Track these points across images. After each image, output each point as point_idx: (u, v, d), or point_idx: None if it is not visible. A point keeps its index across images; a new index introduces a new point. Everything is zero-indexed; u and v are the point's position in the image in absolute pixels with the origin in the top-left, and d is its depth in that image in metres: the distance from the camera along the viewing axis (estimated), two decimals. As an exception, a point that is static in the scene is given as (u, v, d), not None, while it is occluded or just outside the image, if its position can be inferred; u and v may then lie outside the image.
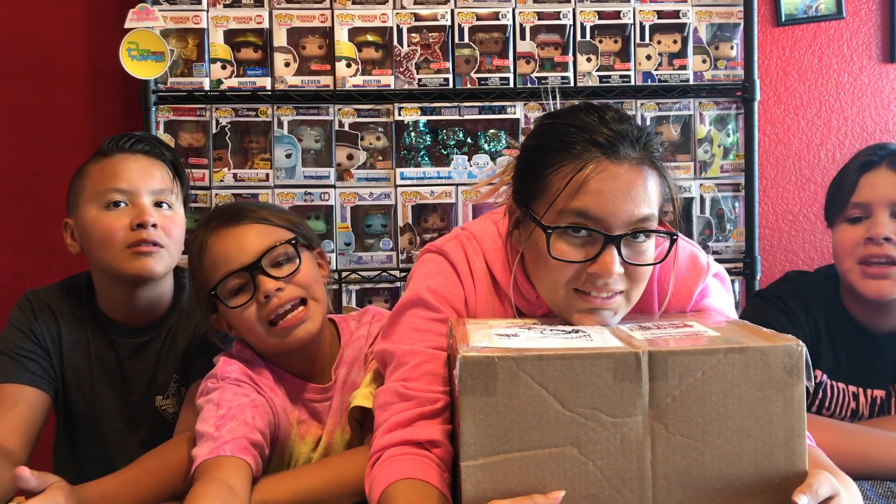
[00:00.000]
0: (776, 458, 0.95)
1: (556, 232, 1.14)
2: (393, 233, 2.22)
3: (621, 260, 1.12)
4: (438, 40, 2.20)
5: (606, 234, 1.11)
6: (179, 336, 1.64)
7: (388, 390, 1.26)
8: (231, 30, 2.19)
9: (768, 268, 2.32)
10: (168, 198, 1.60)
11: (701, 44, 2.24)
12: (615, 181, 1.12)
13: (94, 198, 1.56)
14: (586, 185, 1.13)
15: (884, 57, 2.35)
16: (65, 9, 2.29)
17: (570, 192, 1.13)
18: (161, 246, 1.56)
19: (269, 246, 1.38)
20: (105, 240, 1.54)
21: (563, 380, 0.93)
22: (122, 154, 1.59)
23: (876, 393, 1.57)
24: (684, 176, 2.25)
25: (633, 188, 1.13)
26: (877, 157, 1.56)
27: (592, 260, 1.12)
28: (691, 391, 0.94)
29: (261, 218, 1.42)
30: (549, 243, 1.14)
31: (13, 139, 2.31)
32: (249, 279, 1.36)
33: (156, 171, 1.60)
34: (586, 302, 1.14)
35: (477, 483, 0.94)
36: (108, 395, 1.64)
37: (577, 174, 1.13)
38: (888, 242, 1.50)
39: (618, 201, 1.12)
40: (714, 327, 1.06)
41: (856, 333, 1.58)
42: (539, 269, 1.19)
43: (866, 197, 1.54)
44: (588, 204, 1.12)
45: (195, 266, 1.44)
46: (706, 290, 1.26)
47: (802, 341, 0.95)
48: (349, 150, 2.22)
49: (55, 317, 1.64)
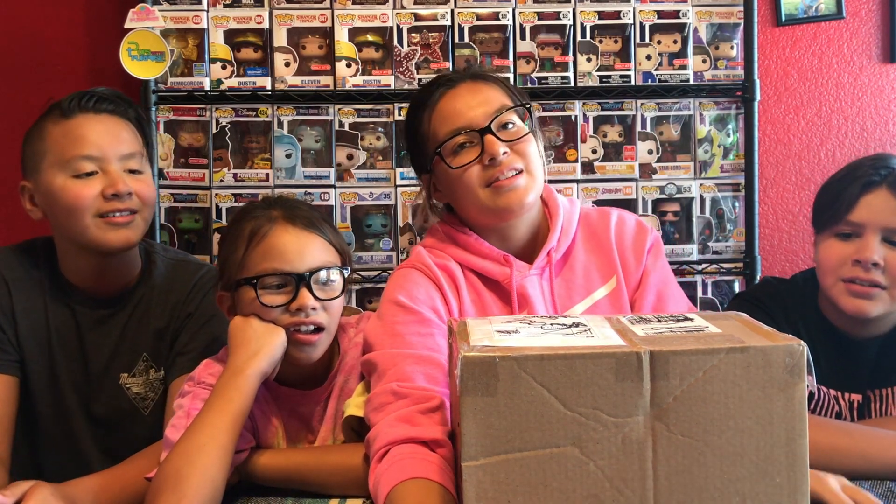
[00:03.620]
0: (777, 457, 0.94)
1: (443, 148, 1.42)
2: (393, 233, 2.22)
3: (502, 142, 1.39)
4: (438, 40, 2.20)
5: (479, 129, 1.39)
6: (152, 313, 1.57)
7: (382, 392, 1.27)
8: (231, 30, 2.19)
9: (768, 268, 2.32)
10: (138, 161, 1.53)
11: (701, 44, 2.24)
12: (460, 95, 1.44)
13: (60, 164, 1.48)
14: (440, 108, 1.44)
15: (884, 57, 2.35)
16: (65, 9, 2.29)
17: (436, 122, 1.44)
18: (135, 212, 1.50)
19: (323, 265, 1.38)
20: (74, 209, 1.46)
21: (565, 379, 0.93)
22: (86, 114, 1.50)
23: (853, 397, 1.57)
24: (684, 176, 2.25)
25: (476, 92, 1.44)
26: (879, 176, 1.53)
27: (482, 152, 1.39)
28: (693, 391, 0.94)
29: (325, 234, 1.41)
30: (444, 160, 1.42)
31: (13, 139, 2.30)
32: (293, 286, 1.35)
33: (123, 132, 1.52)
34: (498, 188, 1.39)
35: (478, 483, 0.94)
36: (65, 366, 1.57)
37: (432, 109, 1.45)
38: (875, 268, 1.49)
39: (469, 105, 1.41)
40: (714, 323, 1.06)
41: (834, 338, 1.58)
42: (457, 192, 1.44)
43: (862, 218, 1.52)
44: (451, 119, 1.42)
45: (236, 240, 1.39)
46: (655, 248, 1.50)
47: None
48: (349, 150, 2.22)
49: (6, 284, 1.55)
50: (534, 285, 1.43)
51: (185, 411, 1.32)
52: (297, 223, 1.39)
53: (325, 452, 1.37)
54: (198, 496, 1.17)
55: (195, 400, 1.34)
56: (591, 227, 1.51)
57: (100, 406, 1.58)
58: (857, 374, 1.58)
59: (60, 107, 1.51)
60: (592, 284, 1.45)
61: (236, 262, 1.38)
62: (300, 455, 1.37)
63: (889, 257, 1.50)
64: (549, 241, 1.45)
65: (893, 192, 1.51)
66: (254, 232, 1.38)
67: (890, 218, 1.50)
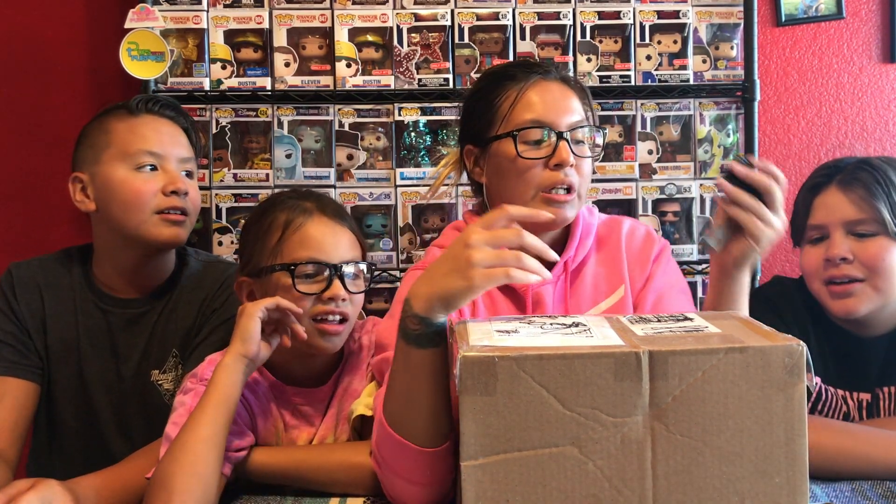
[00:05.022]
0: (776, 458, 0.94)
1: (521, 134, 1.40)
2: (393, 233, 2.22)
3: (574, 156, 1.40)
4: (438, 40, 2.20)
5: (558, 132, 1.40)
6: (180, 310, 1.61)
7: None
8: (231, 30, 2.19)
9: (768, 268, 2.32)
10: (192, 167, 1.60)
11: (701, 44, 2.24)
12: (552, 92, 1.44)
13: (122, 157, 1.53)
14: (530, 93, 1.43)
15: (884, 57, 2.35)
16: (65, 9, 2.29)
17: (520, 106, 1.42)
18: (187, 215, 1.56)
19: (355, 258, 1.44)
20: (134, 202, 1.52)
21: (564, 379, 0.93)
22: (151, 115, 1.58)
23: (862, 396, 1.57)
24: (684, 176, 2.25)
25: (567, 97, 1.44)
26: (824, 178, 1.59)
27: (551, 155, 1.39)
28: (692, 391, 0.94)
29: (353, 227, 1.46)
30: (516, 145, 1.40)
31: (13, 139, 2.31)
32: (327, 276, 1.39)
33: (181, 137, 1.60)
34: (549, 200, 1.40)
35: (477, 483, 0.94)
36: (96, 367, 1.60)
37: (521, 92, 1.43)
38: (845, 262, 1.52)
39: (558, 105, 1.42)
40: (714, 322, 1.06)
41: (841, 338, 1.59)
42: (507, 179, 1.43)
43: (821, 219, 1.57)
44: (538, 109, 1.41)
45: (269, 228, 1.42)
46: (661, 255, 1.50)
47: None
48: (349, 150, 2.21)
49: (39, 290, 1.59)
50: (548, 293, 1.44)
51: (187, 408, 1.33)
52: (329, 214, 1.44)
53: (327, 450, 1.38)
54: (186, 493, 1.18)
55: (196, 397, 1.34)
56: (603, 236, 1.52)
57: (132, 406, 1.61)
58: (866, 374, 1.58)
59: (127, 106, 1.59)
60: (600, 294, 1.46)
61: (268, 248, 1.41)
62: (301, 453, 1.37)
63: (857, 249, 1.53)
64: (567, 250, 1.46)
65: (842, 187, 1.56)
66: (289, 221, 1.41)
67: (846, 212, 1.54)
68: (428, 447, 1.15)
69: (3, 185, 2.31)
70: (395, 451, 1.17)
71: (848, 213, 1.54)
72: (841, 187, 1.56)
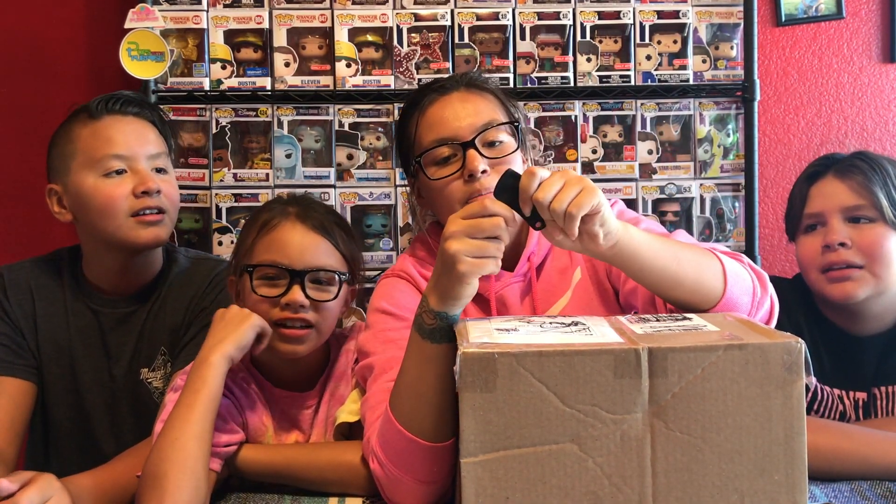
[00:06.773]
0: (775, 455, 0.94)
1: (424, 157, 1.39)
2: (393, 233, 2.22)
3: (484, 159, 1.35)
4: (438, 40, 2.20)
5: (463, 143, 1.36)
6: (168, 308, 1.60)
7: (378, 391, 1.29)
8: (231, 30, 2.19)
9: (768, 268, 2.32)
10: (164, 161, 1.57)
11: (701, 44, 2.24)
12: (451, 104, 1.41)
13: (90, 164, 1.51)
14: (428, 114, 1.42)
15: (884, 57, 2.35)
16: (65, 9, 2.29)
17: (422, 129, 1.41)
18: (164, 212, 1.54)
19: (321, 266, 1.40)
20: (107, 209, 1.50)
21: (563, 376, 0.93)
22: (113, 116, 1.54)
23: (858, 395, 1.57)
24: (684, 176, 2.25)
25: (469, 103, 1.40)
26: (822, 167, 1.61)
27: (462, 166, 1.36)
28: (691, 388, 0.94)
29: (333, 239, 1.43)
30: (424, 170, 1.39)
31: (13, 139, 2.31)
32: (287, 281, 1.37)
33: (149, 133, 1.57)
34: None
35: (477, 480, 0.94)
36: (89, 367, 1.60)
37: (421, 115, 1.42)
38: (843, 248, 1.53)
39: (458, 116, 1.38)
40: (713, 321, 1.06)
41: (836, 337, 1.59)
42: (435, 202, 1.42)
43: (818, 207, 1.58)
44: (437, 127, 1.39)
45: (250, 228, 1.43)
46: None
47: None
48: (349, 150, 2.22)
49: (30, 291, 1.59)
50: (514, 293, 1.43)
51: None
52: (308, 223, 1.41)
53: (316, 448, 1.38)
54: (179, 490, 1.18)
55: None
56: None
57: (125, 405, 1.61)
58: (862, 373, 1.58)
59: (87, 109, 1.55)
60: (566, 281, 1.44)
61: (244, 248, 1.42)
62: (291, 451, 1.37)
63: (854, 235, 1.53)
64: (528, 245, 1.44)
65: (839, 175, 1.57)
66: (266, 222, 1.41)
67: (843, 198, 1.55)
68: (436, 442, 1.15)
69: (3, 185, 2.31)
70: (404, 449, 1.17)
71: (846, 199, 1.55)
72: (838, 175, 1.57)
